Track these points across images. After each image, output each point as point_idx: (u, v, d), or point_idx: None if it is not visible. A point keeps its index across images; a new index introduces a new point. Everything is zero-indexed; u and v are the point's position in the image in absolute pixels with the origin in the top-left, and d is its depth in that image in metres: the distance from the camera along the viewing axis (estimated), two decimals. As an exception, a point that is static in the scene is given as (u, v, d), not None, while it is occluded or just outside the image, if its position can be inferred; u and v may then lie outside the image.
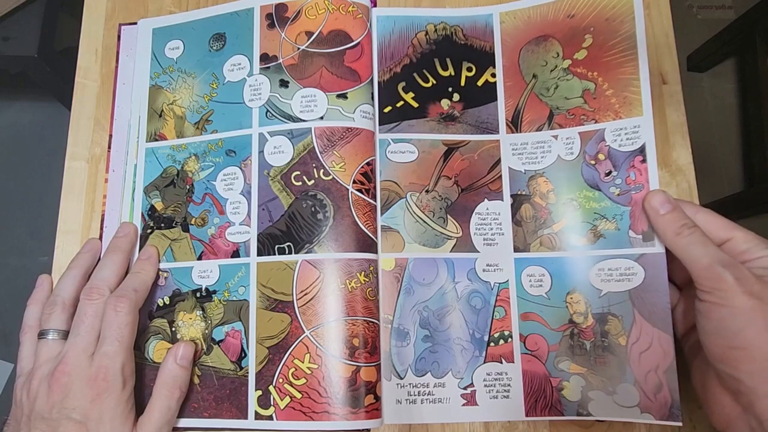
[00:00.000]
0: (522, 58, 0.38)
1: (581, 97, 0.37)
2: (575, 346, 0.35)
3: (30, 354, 0.33)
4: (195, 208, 0.37)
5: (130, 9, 0.43)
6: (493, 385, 0.35)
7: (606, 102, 0.36)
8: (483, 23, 0.39)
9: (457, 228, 0.37)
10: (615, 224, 0.35)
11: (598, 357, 0.34)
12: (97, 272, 0.35)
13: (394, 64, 0.39)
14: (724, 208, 1.15)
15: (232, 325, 0.35)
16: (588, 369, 0.34)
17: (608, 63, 0.36)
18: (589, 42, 0.37)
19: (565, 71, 0.37)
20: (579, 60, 0.37)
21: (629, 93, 0.36)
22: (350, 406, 0.33)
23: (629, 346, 0.34)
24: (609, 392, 0.34)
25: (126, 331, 0.32)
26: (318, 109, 0.37)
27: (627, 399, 0.33)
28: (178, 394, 0.33)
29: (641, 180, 0.35)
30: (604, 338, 0.34)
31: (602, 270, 0.35)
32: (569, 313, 0.35)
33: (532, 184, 0.37)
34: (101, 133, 0.41)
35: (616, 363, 0.34)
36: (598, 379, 0.34)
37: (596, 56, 0.37)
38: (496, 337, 0.35)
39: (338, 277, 0.34)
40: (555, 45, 0.38)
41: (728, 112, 1.26)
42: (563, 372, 0.35)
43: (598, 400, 0.34)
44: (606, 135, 0.36)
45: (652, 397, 0.33)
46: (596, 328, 0.34)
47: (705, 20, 1.31)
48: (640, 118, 0.35)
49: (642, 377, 0.33)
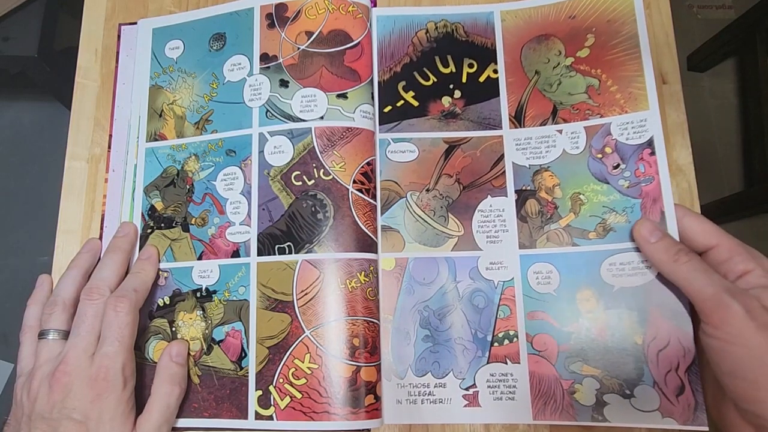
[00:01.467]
0: (524, 55, 0.38)
1: (585, 93, 0.36)
2: (587, 346, 0.33)
3: (30, 354, 0.33)
4: (195, 208, 0.37)
5: (130, 9, 0.43)
6: (497, 386, 0.34)
7: (611, 98, 0.36)
8: (484, 21, 0.39)
9: (458, 226, 0.36)
10: (625, 217, 0.34)
11: (612, 358, 0.32)
12: (97, 272, 0.35)
13: (395, 64, 0.39)
14: (724, 208, 1.15)
15: (232, 325, 0.35)
16: (602, 370, 0.32)
17: (611, 61, 0.36)
18: (592, 41, 0.37)
19: (568, 68, 0.37)
20: (582, 58, 0.37)
21: (634, 89, 0.35)
22: (350, 406, 0.33)
23: (646, 345, 0.32)
24: (626, 395, 0.32)
25: (126, 331, 0.32)
26: (318, 109, 0.37)
27: (646, 403, 0.31)
28: (178, 391, 0.33)
29: (651, 172, 0.34)
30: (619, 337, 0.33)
31: (614, 264, 0.33)
32: (580, 310, 0.34)
33: (537, 179, 0.36)
34: (101, 133, 0.40)
35: (632, 363, 0.32)
36: (614, 381, 0.32)
37: (599, 55, 0.37)
38: (500, 337, 0.34)
39: (338, 277, 0.34)
40: (557, 44, 0.38)
41: (728, 112, 1.26)
42: (575, 374, 0.33)
43: (615, 404, 0.32)
44: (612, 129, 0.35)
45: (673, 400, 0.31)
46: (610, 326, 0.33)
47: (705, 20, 1.31)
48: (647, 112, 0.35)
49: (661, 378, 0.31)
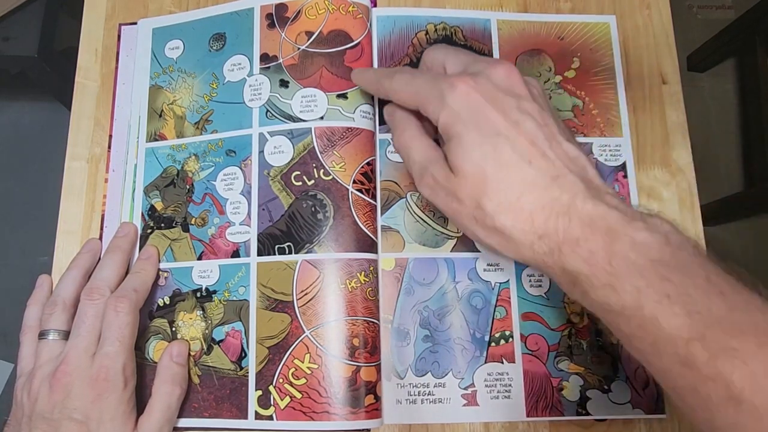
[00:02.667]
0: (519, 65, 0.39)
1: (571, 111, 0.39)
2: (573, 345, 0.36)
3: (30, 354, 0.33)
4: (195, 208, 0.37)
5: (130, 9, 0.43)
6: (494, 385, 0.35)
7: (592, 120, 0.39)
8: (482, 27, 0.40)
9: (457, 227, 0.37)
10: None
11: (594, 356, 0.35)
12: (97, 272, 0.35)
13: (395, 64, 0.39)
14: (724, 208, 1.15)
15: (232, 325, 0.35)
16: (585, 368, 0.35)
17: (593, 87, 0.39)
18: (577, 64, 0.40)
19: (556, 85, 0.39)
20: (569, 78, 0.40)
21: (611, 116, 0.39)
22: (350, 406, 0.33)
23: (620, 344, 0.35)
24: (604, 390, 0.35)
25: (127, 331, 0.32)
26: (318, 109, 0.37)
27: (620, 396, 0.35)
28: (179, 391, 0.33)
29: (623, 192, 0.38)
30: (599, 337, 0.36)
31: None
32: (567, 313, 0.36)
33: None
34: (101, 133, 0.40)
35: (609, 361, 0.35)
36: (595, 377, 0.35)
37: (583, 78, 0.40)
38: (497, 337, 0.35)
39: (338, 277, 0.34)
40: (548, 60, 0.40)
41: (728, 112, 1.26)
42: (563, 372, 0.35)
43: (595, 398, 0.35)
44: (594, 149, 0.38)
45: (641, 393, 0.35)
46: (591, 327, 0.36)
47: (705, 20, 1.31)
48: (621, 138, 0.39)
49: (632, 374, 0.35)
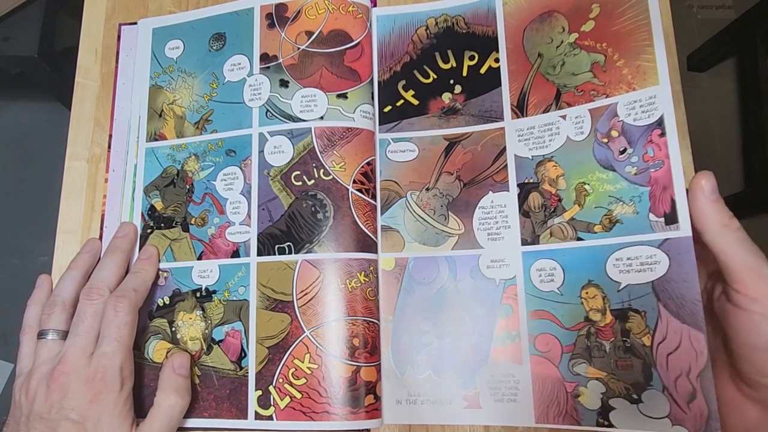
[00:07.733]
0: (526, 38, 0.36)
1: (590, 71, 0.34)
2: (593, 347, 0.31)
3: (29, 354, 0.33)
4: (195, 208, 0.37)
5: (130, 9, 0.43)
6: (498, 387, 0.33)
7: (617, 74, 0.33)
8: (485, 8, 0.38)
9: (459, 224, 0.36)
10: (633, 207, 0.31)
11: (619, 359, 0.31)
12: (96, 272, 0.35)
13: (395, 63, 0.39)
14: (724, 208, 1.14)
15: (232, 325, 0.35)
16: (608, 373, 0.31)
17: (618, 32, 0.33)
18: (597, 12, 0.34)
19: (571, 46, 0.35)
20: (586, 32, 0.35)
21: (642, 61, 0.32)
22: (350, 406, 0.33)
23: (655, 347, 0.30)
24: (633, 400, 0.30)
25: (125, 331, 0.32)
26: (318, 109, 0.37)
27: (655, 409, 0.29)
28: (182, 403, 0.32)
29: (660, 156, 0.31)
30: (626, 338, 0.31)
31: (620, 260, 0.31)
32: (585, 309, 0.32)
33: (540, 170, 0.34)
34: (101, 133, 0.40)
35: (640, 366, 0.30)
36: (621, 384, 0.30)
37: (605, 26, 0.34)
38: (501, 337, 0.34)
39: (338, 276, 0.34)
40: (560, 20, 0.35)
41: (728, 112, 1.26)
42: (579, 376, 0.31)
43: (621, 409, 0.30)
44: (619, 109, 0.32)
45: (684, 407, 0.29)
46: (616, 326, 0.31)
47: (705, 20, 1.31)
48: (656, 87, 0.32)
49: (671, 383, 0.29)
